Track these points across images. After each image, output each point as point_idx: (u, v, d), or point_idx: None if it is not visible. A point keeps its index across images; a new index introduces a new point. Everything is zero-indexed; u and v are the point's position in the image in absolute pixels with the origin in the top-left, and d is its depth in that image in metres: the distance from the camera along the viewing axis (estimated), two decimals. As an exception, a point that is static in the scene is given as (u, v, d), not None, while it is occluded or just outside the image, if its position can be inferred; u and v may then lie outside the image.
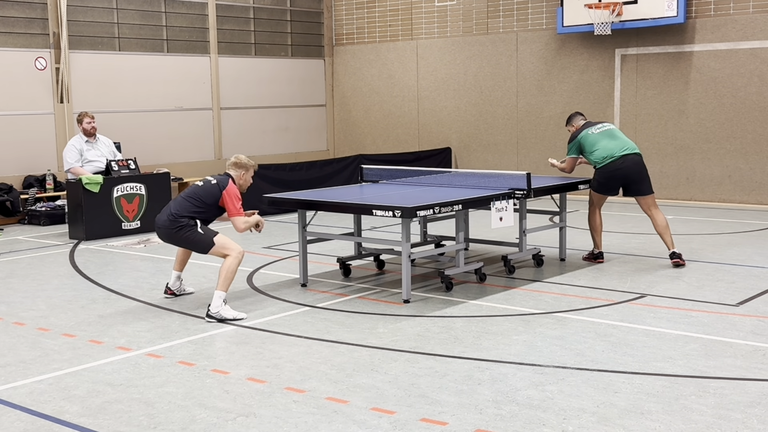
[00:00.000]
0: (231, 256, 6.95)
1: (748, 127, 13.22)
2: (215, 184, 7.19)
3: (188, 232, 7.05)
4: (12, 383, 5.34)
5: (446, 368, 5.48)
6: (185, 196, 7.20)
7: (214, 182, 7.22)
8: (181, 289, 7.71)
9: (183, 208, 7.10)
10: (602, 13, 13.63)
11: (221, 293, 6.82)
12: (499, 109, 15.71)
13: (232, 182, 7.24)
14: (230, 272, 6.90)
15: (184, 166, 15.15)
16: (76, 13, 13.91)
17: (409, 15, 16.70)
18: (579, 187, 9.06)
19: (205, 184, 7.25)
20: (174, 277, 7.67)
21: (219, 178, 7.29)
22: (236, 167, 7.36)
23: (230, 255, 6.96)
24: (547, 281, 8.04)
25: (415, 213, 7.02)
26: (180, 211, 7.09)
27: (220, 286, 6.83)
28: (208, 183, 7.24)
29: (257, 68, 16.52)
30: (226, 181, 7.22)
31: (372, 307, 7.15)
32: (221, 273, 6.89)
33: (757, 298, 7.25)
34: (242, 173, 7.35)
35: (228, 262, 6.93)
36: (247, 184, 7.42)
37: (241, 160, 7.38)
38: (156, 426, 4.60)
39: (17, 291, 8.06)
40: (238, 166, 7.36)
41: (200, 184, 7.26)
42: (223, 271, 6.89)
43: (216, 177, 7.33)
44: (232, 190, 7.17)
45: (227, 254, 6.98)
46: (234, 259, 6.94)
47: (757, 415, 4.58)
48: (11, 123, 13.21)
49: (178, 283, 7.68)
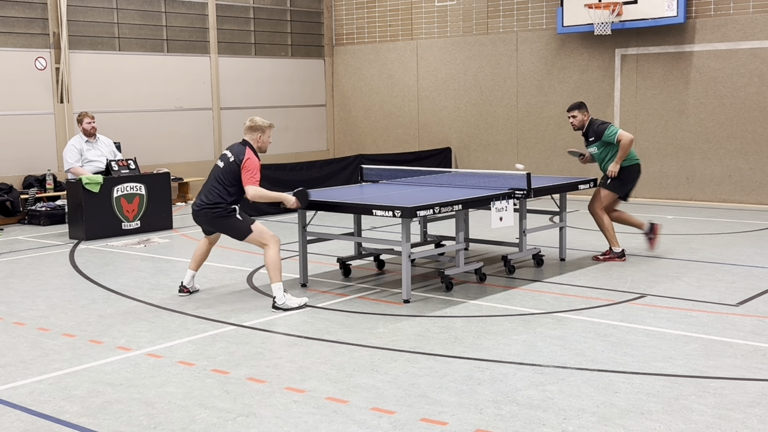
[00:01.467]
0: (270, 247, 7.07)
1: (748, 127, 13.22)
2: (233, 160, 7.12)
3: (227, 218, 7.11)
4: (12, 383, 5.34)
5: (446, 368, 5.48)
6: (212, 182, 7.18)
7: (232, 158, 7.13)
8: (194, 288, 7.77)
9: (214, 195, 7.11)
10: (602, 13, 13.63)
11: (279, 285, 7.00)
12: (499, 109, 15.71)
13: (250, 150, 7.15)
14: (276, 262, 7.03)
15: (184, 166, 15.16)
16: (76, 13, 13.91)
17: (409, 15, 16.70)
18: (579, 187, 9.05)
19: (224, 163, 7.17)
20: (189, 276, 7.69)
21: (235, 150, 7.18)
22: (251, 131, 7.26)
23: (268, 245, 7.07)
24: (547, 281, 8.04)
25: (415, 213, 7.02)
26: (212, 198, 7.11)
27: (273, 279, 7.00)
28: (227, 161, 7.16)
29: (257, 68, 16.52)
30: (242, 152, 7.12)
31: (372, 307, 7.15)
32: (269, 267, 7.04)
33: (757, 298, 7.25)
34: (258, 136, 7.26)
35: (270, 254, 7.04)
36: (266, 145, 7.32)
37: (255, 122, 7.26)
38: (156, 426, 4.60)
39: (17, 291, 8.06)
40: (253, 129, 7.26)
41: (221, 165, 7.20)
42: (269, 264, 7.03)
43: (233, 149, 7.21)
44: (250, 164, 7.08)
45: (265, 243, 7.08)
46: (274, 249, 7.06)
47: (757, 415, 4.58)
48: (11, 123, 13.21)
49: (192, 281, 7.72)
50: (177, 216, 12.90)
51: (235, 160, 7.11)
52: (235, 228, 7.19)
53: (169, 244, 10.70)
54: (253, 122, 7.27)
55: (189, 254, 9.82)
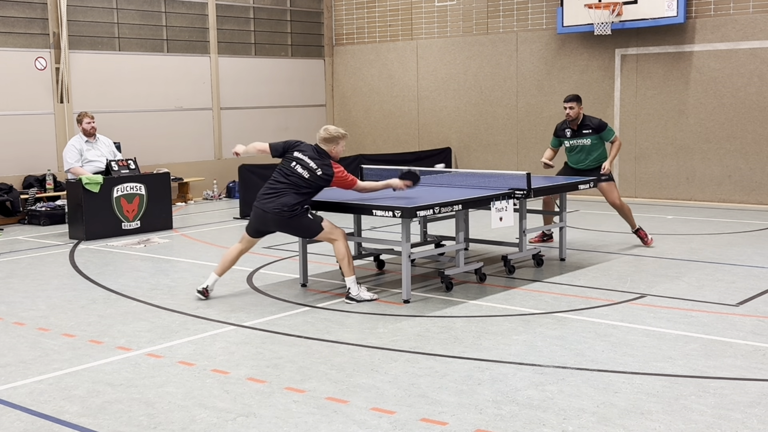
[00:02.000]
0: (339, 242, 7.24)
1: (748, 127, 13.22)
2: (320, 175, 7.18)
3: (301, 218, 7.18)
4: (12, 383, 5.34)
5: (446, 368, 5.47)
6: (290, 186, 7.16)
7: (319, 172, 7.18)
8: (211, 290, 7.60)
9: (293, 197, 7.13)
10: (602, 13, 13.63)
11: (352, 278, 7.23)
12: (499, 109, 15.71)
13: (336, 164, 7.27)
14: (347, 256, 7.24)
15: (184, 166, 15.16)
16: (76, 13, 13.91)
17: (409, 15, 16.70)
18: (579, 187, 9.06)
19: (309, 173, 7.17)
20: (213, 280, 7.55)
21: (319, 162, 7.21)
22: (327, 142, 7.33)
23: (337, 240, 7.25)
24: (547, 281, 8.04)
25: (415, 213, 7.02)
26: (290, 201, 7.12)
27: (347, 272, 7.24)
28: (312, 171, 7.17)
29: (257, 68, 16.52)
30: (329, 167, 7.22)
31: (372, 307, 7.15)
32: (341, 260, 7.27)
33: (757, 298, 7.25)
34: (333, 147, 7.33)
35: (339, 248, 7.25)
36: (339, 156, 7.43)
37: (331, 134, 7.33)
38: (156, 426, 4.60)
39: (17, 291, 8.06)
40: (329, 141, 7.33)
41: (305, 175, 7.17)
42: (341, 258, 7.25)
43: (315, 160, 7.21)
44: (340, 176, 7.26)
45: (334, 239, 7.25)
46: (343, 243, 7.24)
47: (757, 415, 4.58)
48: (11, 123, 13.21)
49: (214, 285, 7.59)
50: (177, 216, 12.91)
51: (323, 176, 7.20)
52: (306, 227, 7.26)
53: (169, 244, 10.70)
54: (329, 134, 7.33)
55: (189, 254, 9.85)
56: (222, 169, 15.90)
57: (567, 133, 9.71)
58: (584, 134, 9.59)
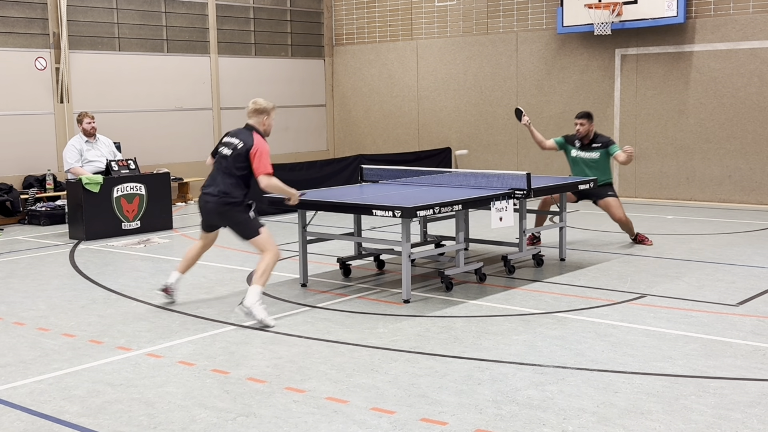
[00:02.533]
0: (271, 254, 6.78)
1: (748, 127, 13.22)
2: (242, 146, 6.83)
3: (240, 213, 6.85)
4: (12, 383, 5.34)
5: (446, 368, 5.47)
6: (221, 172, 6.91)
7: (240, 144, 6.84)
8: (175, 289, 7.45)
9: (227, 185, 6.84)
10: (602, 13, 13.63)
11: (258, 288, 6.63)
12: (499, 109, 15.71)
13: (258, 135, 6.87)
14: (268, 271, 6.74)
15: (184, 166, 15.16)
16: (76, 13, 13.91)
17: (409, 15, 16.70)
18: (579, 187, 9.06)
19: (232, 151, 6.86)
20: (175, 278, 7.43)
21: (242, 135, 6.90)
22: (257, 114, 6.97)
23: (270, 253, 6.78)
24: (547, 281, 8.04)
25: (415, 213, 7.02)
26: (225, 188, 6.84)
27: (257, 281, 6.67)
28: (234, 148, 6.86)
29: (257, 68, 16.52)
30: (250, 137, 6.84)
31: (372, 307, 7.15)
32: (259, 270, 6.71)
33: (757, 298, 7.25)
34: (264, 119, 6.98)
35: (267, 260, 6.75)
36: (270, 128, 7.06)
37: (260, 105, 6.97)
38: (156, 426, 4.60)
39: (17, 291, 8.06)
40: (258, 112, 6.97)
41: (228, 153, 6.88)
42: (260, 269, 6.72)
43: (238, 135, 6.92)
44: (261, 146, 6.78)
45: (267, 251, 6.78)
46: (273, 258, 6.78)
47: (757, 415, 4.58)
48: (11, 123, 13.21)
49: (177, 284, 7.48)
50: (177, 216, 12.91)
51: (245, 147, 6.80)
52: (244, 223, 6.86)
53: (169, 244, 10.70)
54: (257, 105, 6.97)
55: (189, 254, 9.83)
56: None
57: (576, 143, 9.84)
58: (594, 148, 9.69)
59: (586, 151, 9.72)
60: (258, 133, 6.90)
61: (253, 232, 6.87)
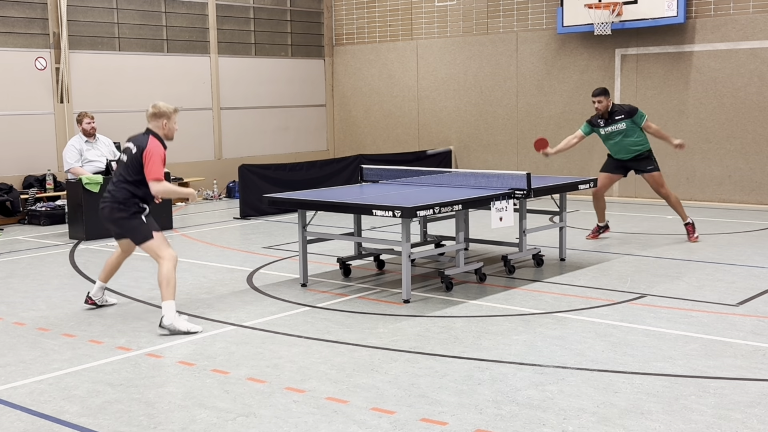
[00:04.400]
0: (166, 260, 6.50)
1: (748, 127, 13.22)
2: (136, 152, 6.57)
3: (132, 219, 6.64)
4: (12, 383, 5.34)
5: (446, 368, 5.47)
6: (118, 178, 6.70)
7: (135, 150, 6.58)
8: (103, 300, 7.27)
9: (122, 190, 6.63)
10: (602, 13, 13.63)
11: (170, 303, 6.38)
12: (499, 109, 15.71)
13: (155, 139, 6.64)
14: (171, 279, 6.46)
15: (184, 166, 15.15)
16: (76, 13, 13.91)
17: (409, 15, 16.70)
18: (579, 187, 9.06)
19: (128, 157, 6.66)
20: (97, 287, 7.20)
21: (138, 140, 6.64)
22: (155, 118, 6.67)
23: (164, 259, 6.51)
24: (547, 281, 8.04)
25: (415, 213, 7.02)
26: (119, 195, 6.63)
27: (165, 296, 6.40)
28: (130, 154, 6.64)
29: (257, 68, 16.52)
30: (145, 141, 6.58)
31: (372, 307, 7.15)
32: (161, 282, 6.44)
33: (757, 298, 7.25)
34: (164, 122, 6.67)
35: (164, 269, 6.47)
36: (172, 132, 6.76)
37: (159, 108, 6.67)
38: (156, 426, 4.60)
39: (17, 291, 8.06)
40: (156, 116, 6.66)
41: (125, 159, 6.69)
42: (162, 280, 6.44)
43: (135, 140, 6.67)
44: (154, 150, 6.53)
45: (161, 257, 6.52)
46: (170, 264, 6.52)
47: (757, 415, 4.58)
48: (11, 123, 13.21)
49: (100, 293, 7.22)
50: (177, 216, 12.91)
51: (139, 150, 6.55)
52: (134, 228, 6.63)
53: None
54: (156, 108, 6.66)
55: (189, 254, 9.84)
56: (222, 169, 15.90)
57: (600, 122, 9.92)
58: (617, 120, 9.78)
59: (612, 125, 9.82)
60: (156, 138, 6.68)
61: (144, 237, 6.63)
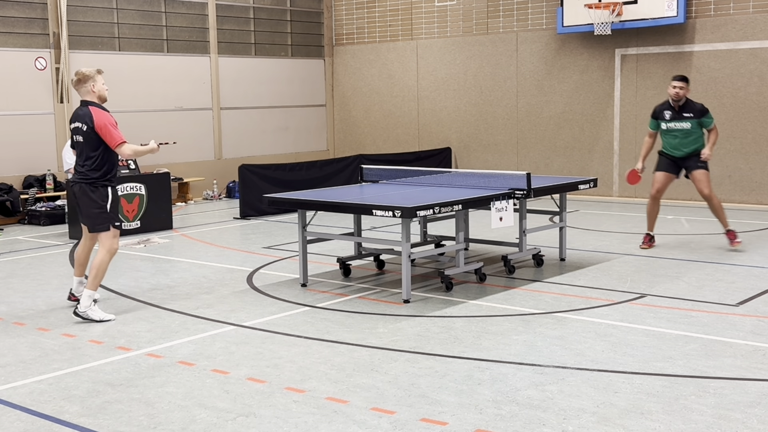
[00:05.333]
0: (106, 252, 6.81)
1: (748, 127, 13.22)
2: (86, 129, 6.69)
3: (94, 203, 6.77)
4: (12, 383, 5.34)
5: (446, 368, 5.47)
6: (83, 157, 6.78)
7: (85, 126, 6.70)
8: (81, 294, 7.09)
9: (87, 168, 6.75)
10: (602, 13, 13.63)
11: (92, 293, 6.75)
12: (499, 109, 15.71)
13: (95, 108, 6.72)
14: (101, 270, 6.81)
15: (184, 166, 15.16)
16: (76, 13, 13.91)
17: (409, 15, 16.70)
18: (579, 187, 9.06)
19: (82, 136, 6.72)
20: (76, 283, 7.28)
21: (82, 116, 6.74)
22: (81, 83, 6.75)
23: (105, 250, 6.81)
24: (547, 281, 8.04)
25: (415, 213, 7.02)
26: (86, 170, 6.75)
27: (90, 285, 6.76)
28: (82, 132, 6.71)
29: (257, 68, 16.52)
30: (88, 114, 6.69)
31: (372, 307, 7.15)
32: (92, 271, 6.77)
33: (757, 298, 7.25)
34: (92, 86, 6.77)
35: (101, 259, 6.78)
36: (103, 92, 6.84)
37: (80, 74, 6.75)
38: (156, 426, 4.60)
39: (17, 291, 8.06)
40: (81, 81, 6.75)
41: (82, 139, 6.75)
42: (94, 269, 6.78)
43: (79, 116, 6.75)
44: (103, 120, 6.64)
45: (103, 246, 6.81)
46: (107, 257, 6.81)
47: (757, 415, 4.58)
48: (11, 123, 13.21)
49: (81, 288, 7.20)
50: (177, 216, 12.91)
51: (89, 127, 6.66)
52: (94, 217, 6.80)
53: (169, 244, 10.70)
54: (78, 74, 6.72)
55: (189, 254, 9.84)
56: (222, 169, 15.90)
57: (666, 115, 9.64)
58: (685, 117, 9.53)
59: (677, 121, 9.55)
60: (95, 106, 6.76)
61: (99, 222, 6.82)
